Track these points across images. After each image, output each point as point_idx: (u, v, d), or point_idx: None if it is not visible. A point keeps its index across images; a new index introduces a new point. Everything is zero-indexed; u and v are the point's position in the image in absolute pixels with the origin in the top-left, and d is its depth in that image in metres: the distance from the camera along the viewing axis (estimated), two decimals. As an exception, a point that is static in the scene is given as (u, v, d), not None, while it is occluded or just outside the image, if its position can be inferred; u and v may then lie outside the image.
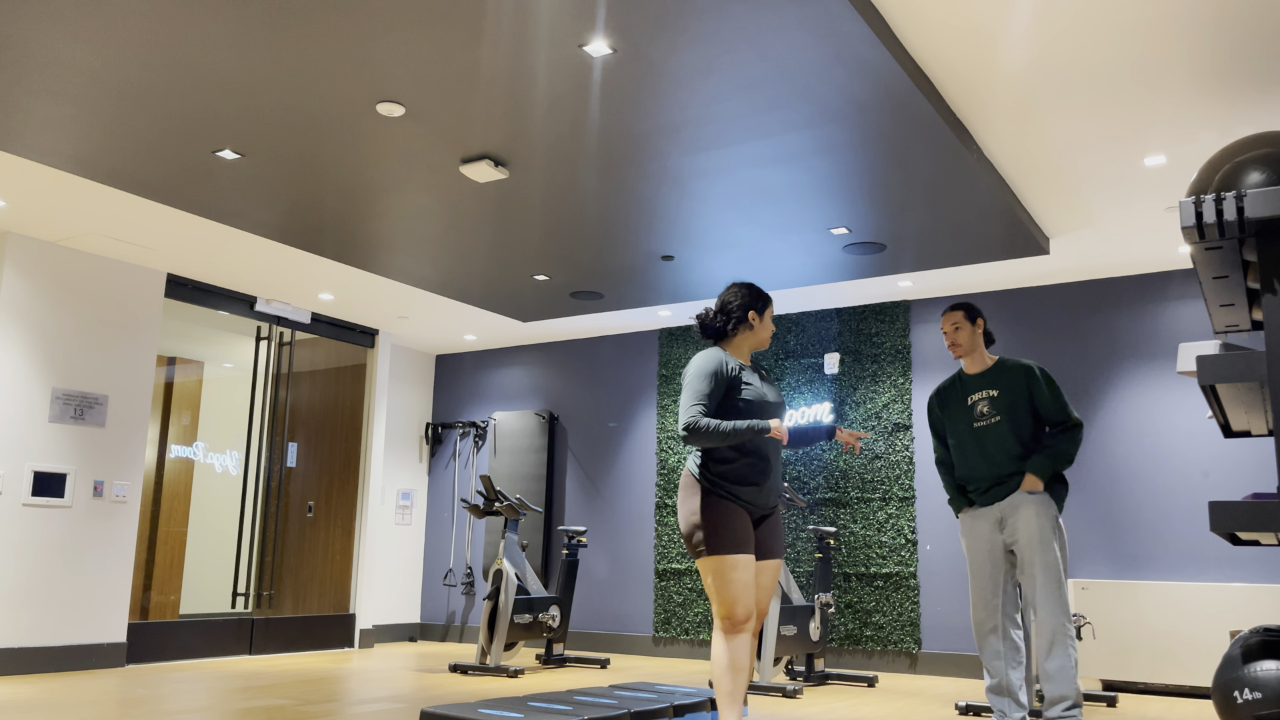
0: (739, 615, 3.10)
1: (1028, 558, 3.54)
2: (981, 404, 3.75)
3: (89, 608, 6.10)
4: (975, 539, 3.70)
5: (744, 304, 3.39)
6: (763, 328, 3.41)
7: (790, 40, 3.49)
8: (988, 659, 3.64)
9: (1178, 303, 6.24)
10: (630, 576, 7.81)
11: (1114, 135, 4.47)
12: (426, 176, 4.85)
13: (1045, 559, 3.50)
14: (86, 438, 6.19)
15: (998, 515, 3.66)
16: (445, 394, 9.20)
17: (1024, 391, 3.69)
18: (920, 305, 7.04)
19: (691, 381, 3.23)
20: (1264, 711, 2.43)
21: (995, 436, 3.68)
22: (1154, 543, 6.04)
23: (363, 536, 7.98)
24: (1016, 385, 3.71)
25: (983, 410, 3.73)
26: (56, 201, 5.36)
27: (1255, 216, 1.97)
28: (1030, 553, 3.53)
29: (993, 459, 3.67)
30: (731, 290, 3.43)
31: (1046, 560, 3.50)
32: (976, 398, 3.77)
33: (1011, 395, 3.69)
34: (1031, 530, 3.54)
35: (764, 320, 3.41)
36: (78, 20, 3.47)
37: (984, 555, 3.66)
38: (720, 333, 3.41)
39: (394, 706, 4.75)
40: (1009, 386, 3.72)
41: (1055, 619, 3.47)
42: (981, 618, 3.65)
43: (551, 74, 3.78)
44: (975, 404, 3.76)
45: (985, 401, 3.74)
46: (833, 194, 5.00)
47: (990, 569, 3.64)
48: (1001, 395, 3.71)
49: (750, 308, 3.39)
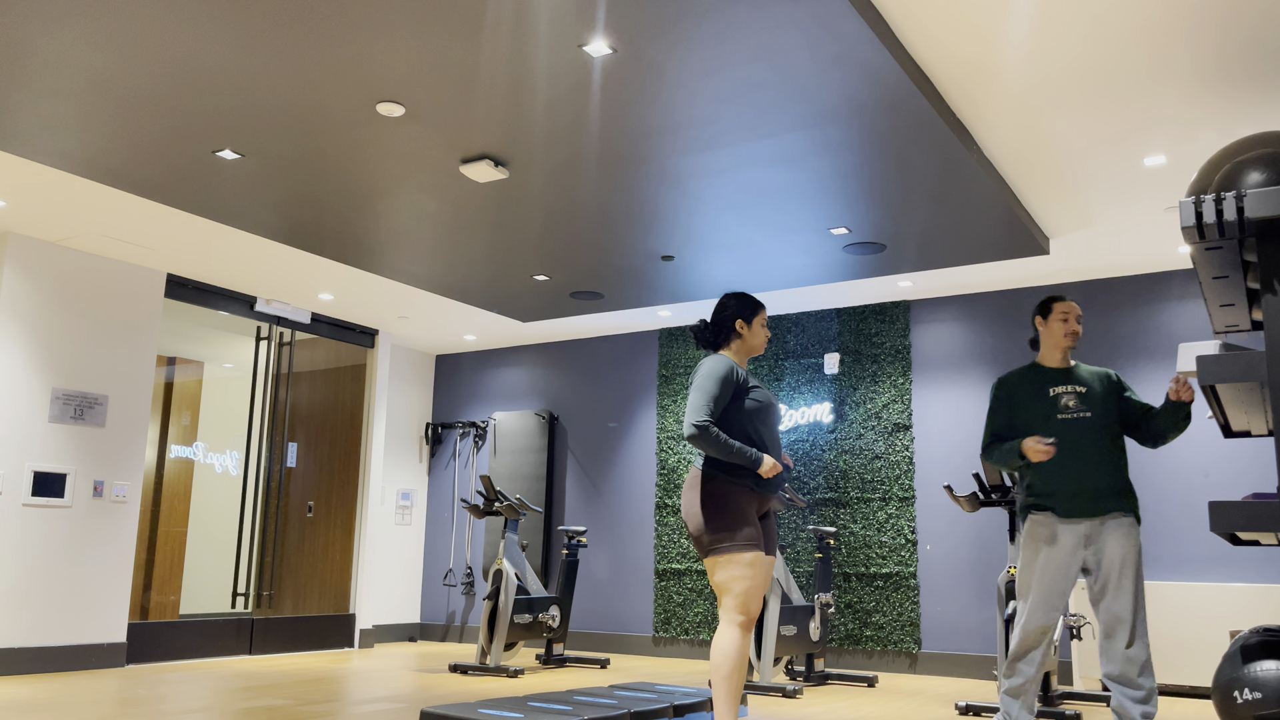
0: (754, 612, 3.17)
1: (1115, 581, 3.39)
2: (1067, 397, 3.59)
3: (89, 608, 6.10)
4: (1058, 549, 3.48)
5: (731, 314, 3.43)
6: (753, 335, 3.43)
7: (790, 40, 3.49)
8: (1024, 664, 3.50)
9: (1178, 303, 6.24)
10: (630, 576, 7.81)
11: (1114, 135, 4.48)
12: (426, 176, 4.85)
13: (1137, 584, 3.39)
14: (86, 438, 6.19)
15: (1085, 532, 3.48)
16: (445, 394, 9.20)
17: (1115, 392, 3.59)
18: (920, 305, 7.04)
19: (703, 382, 3.25)
20: (1264, 711, 2.43)
21: (1086, 432, 3.52)
22: (1154, 543, 6.04)
23: (363, 536, 7.98)
24: (1106, 385, 3.59)
25: (1068, 404, 3.57)
26: (56, 201, 5.36)
27: (1255, 216, 1.97)
28: (1120, 576, 3.39)
29: (1085, 456, 3.49)
30: (721, 302, 3.48)
31: (1138, 586, 3.39)
32: (1060, 390, 3.61)
33: (1103, 394, 3.57)
34: (1125, 552, 3.41)
35: (753, 328, 3.44)
36: (78, 20, 3.47)
37: (1061, 568, 3.47)
38: (712, 343, 3.46)
39: (394, 706, 4.75)
40: (1097, 385, 3.59)
41: (1143, 638, 3.35)
42: (1044, 624, 3.47)
43: (551, 74, 3.78)
44: (1059, 396, 3.59)
45: (1072, 395, 3.59)
46: (833, 194, 5.00)
47: (1064, 584, 3.47)
48: (1090, 392, 3.57)
49: (737, 316, 3.42)
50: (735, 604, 3.15)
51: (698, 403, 3.21)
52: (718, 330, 3.45)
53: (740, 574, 3.14)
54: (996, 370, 6.71)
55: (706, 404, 3.21)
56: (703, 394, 3.23)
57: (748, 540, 3.15)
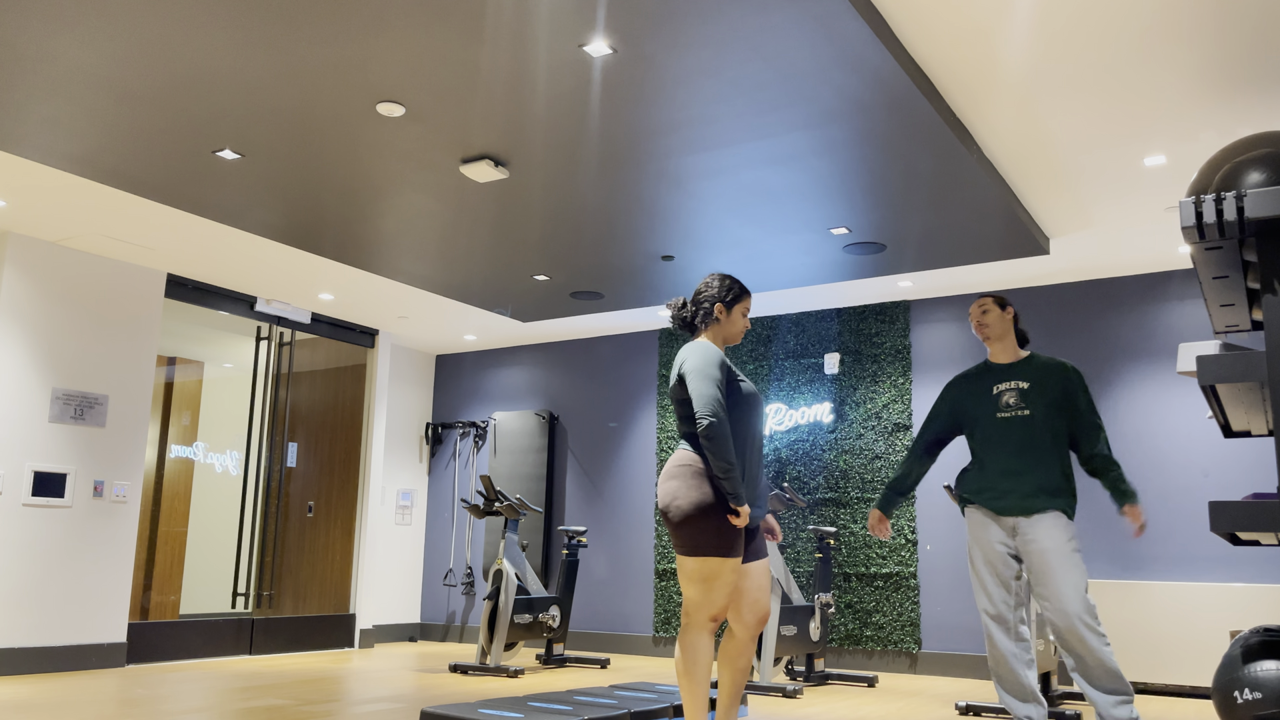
0: (720, 616, 3.06)
1: (1043, 569, 3.38)
2: (1009, 394, 3.57)
3: (89, 608, 6.10)
4: (990, 540, 3.54)
5: (712, 297, 3.25)
6: (730, 323, 3.26)
7: (790, 40, 3.49)
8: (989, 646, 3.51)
9: (1178, 303, 6.24)
10: (630, 576, 7.81)
11: (1114, 135, 4.48)
12: (426, 176, 4.85)
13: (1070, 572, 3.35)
14: (86, 438, 6.19)
15: (1012, 525, 3.52)
16: (445, 394, 9.20)
17: (1059, 389, 3.53)
18: (920, 305, 7.04)
19: (705, 368, 3.06)
20: (1264, 711, 2.43)
21: (1023, 431, 3.51)
22: (1154, 543, 6.04)
23: (363, 536, 7.98)
24: (1051, 382, 3.54)
25: (1009, 401, 3.56)
26: (56, 201, 5.36)
27: (1255, 216, 1.97)
28: (1048, 564, 3.37)
29: (1020, 456, 3.50)
30: (706, 281, 3.29)
31: (1071, 573, 3.35)
32: (1004, 387, 3.59)
33: (1046, 391, 3.53)
34: (1053, 542, 3.38)
35: (732, 315, 3.26)
36: (78, 20, 3.47)
37: (998, 556, 3.52)
38: (689, 324, 3.28)
39: (394, 706, 4.75)
40: (1042, 381, 3.55)
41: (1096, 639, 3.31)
42: (988, 609, 3.52)
43: (551, 74, 3.78)
44: (1001, 394, 3.59)
45: (1013, 392, 3.56)
46: (833, 194, 5.00)
47: (1005, 571, 3.51)
48: (1033, 389, 3.54)
49: (718, 300, 3.24)
50: (703, 607, 3.03)
51: (709, 392, 3.02)
52: (696, 310, 3.26)
53: (719, 579, 3.01)
54: (996, 370, 6.71)
55: (718, 395, 3.03)
56: (710, 381, 3.03)
57: (733, 546, 3.01)
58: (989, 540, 3.56)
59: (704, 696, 3.04)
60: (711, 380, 3.04)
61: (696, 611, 3.04)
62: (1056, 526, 3.43)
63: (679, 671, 3.06)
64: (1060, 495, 3.47)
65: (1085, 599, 3.34)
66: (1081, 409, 3.54)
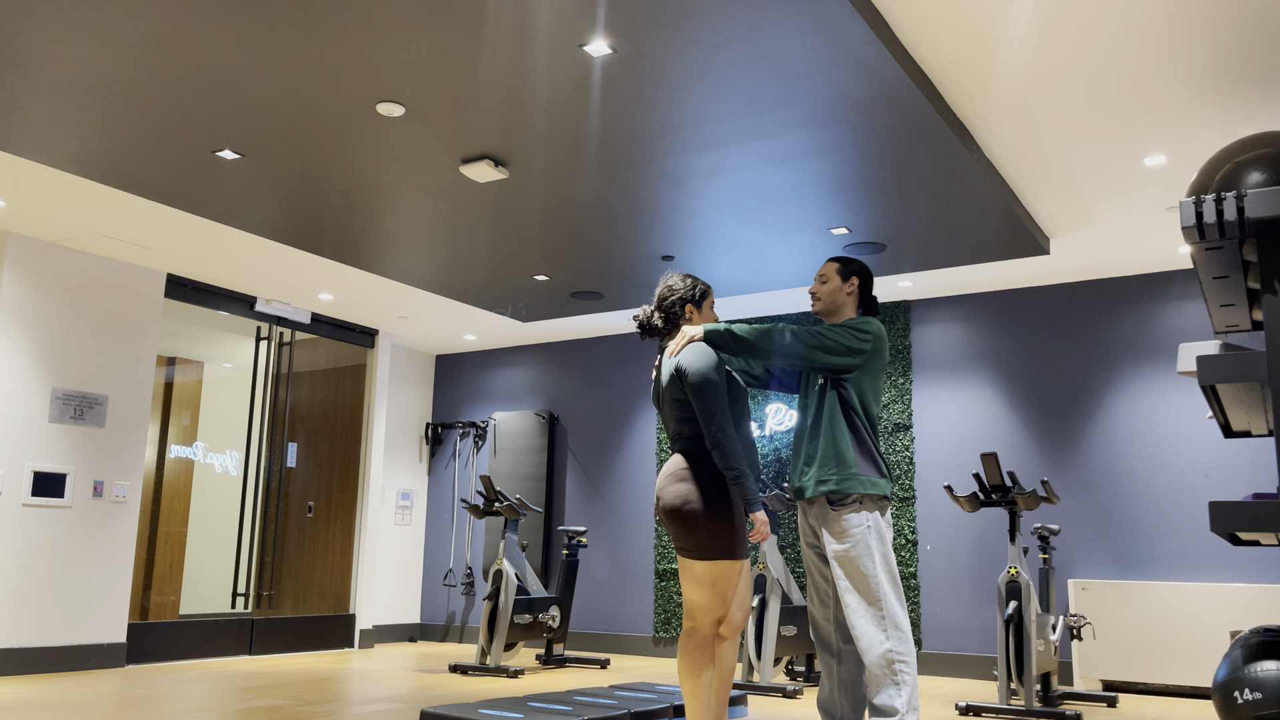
0: (725, 618, 3.05)
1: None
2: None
3: (89, 608, 6.10)
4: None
5: (682, 299, 3.17)
6: (703, 320, 3.21)
7: (790, 40, 3.49)
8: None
9: (1178, 303, 6.24)
10: (630, 576, 7.81)
11: (1114, 135, 4.47)
12: (426, 176, 4.85)
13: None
14: (86, 438, 6.19)
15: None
16: (445, 394, 9.20)
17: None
18: (920, 305, 7.04)
19: (708, 372, 2.99)
20: (1264, 711, 2.43)
21: (820, 406, 3.17)
22: (1154, 543, 6.04)
23: (363, 537, 7.98)
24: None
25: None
26: (56, 201, 5.36)
27: (1255, 216, 1.97)
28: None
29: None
30: (667, 285, 3.20)
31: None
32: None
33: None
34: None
35: (704, 313, 3.21)
36: (78, 20, 3.47)
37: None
38: (660, 332, 3.19)
39: (394, 706, 4.75)
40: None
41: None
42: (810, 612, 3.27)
43: (551, 74, 3.78)
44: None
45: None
46: (833, 194, 5.00)
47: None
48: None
49: (687, 301, 3.17)
50: (735, 613, 3.04)
51: (719, 400, 2.97)
52: (665, 317, 3.18)
53: (740, 580, 3.04)
54: (997, 371, 6.71)
55: (725, 403, 2.98)
56: (719, 390, 2.98)
57: (745, 548, 3.05)
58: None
59: (708, 700, 3.05)
60: (719, 387, 3.00)
61: (703, 615, 3.03)
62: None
63: (682, 674, 3.06)
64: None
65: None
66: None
